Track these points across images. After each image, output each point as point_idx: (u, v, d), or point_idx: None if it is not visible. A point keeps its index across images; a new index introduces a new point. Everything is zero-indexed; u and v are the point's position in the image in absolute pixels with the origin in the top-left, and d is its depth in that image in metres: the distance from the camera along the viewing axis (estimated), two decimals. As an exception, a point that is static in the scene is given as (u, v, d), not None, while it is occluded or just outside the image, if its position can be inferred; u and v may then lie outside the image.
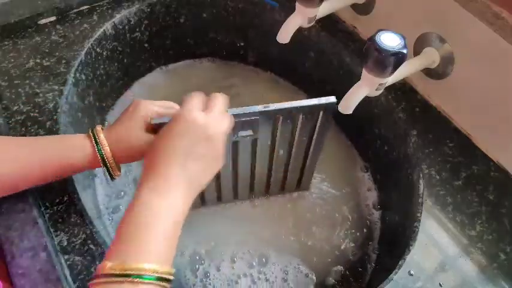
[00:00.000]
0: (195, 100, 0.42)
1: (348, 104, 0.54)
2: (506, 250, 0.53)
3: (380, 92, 0.55)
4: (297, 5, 0.58)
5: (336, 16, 0.76)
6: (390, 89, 0.64)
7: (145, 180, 0.38)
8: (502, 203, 0.56)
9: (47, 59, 0.62)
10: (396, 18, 0.66)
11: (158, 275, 0.31)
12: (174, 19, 0.77)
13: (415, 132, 0.62)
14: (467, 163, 0.60)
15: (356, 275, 0.64)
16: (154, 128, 0.46)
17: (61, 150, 0.44)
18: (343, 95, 0.54)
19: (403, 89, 0.67)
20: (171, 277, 0.33)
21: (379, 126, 0.70)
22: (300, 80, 0.84)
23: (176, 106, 0.48)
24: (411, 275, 0.49)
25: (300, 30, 0.61)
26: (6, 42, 0.63)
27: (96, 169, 0.68)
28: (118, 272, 0.31)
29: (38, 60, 0.61)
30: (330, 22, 0.74)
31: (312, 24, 0.61)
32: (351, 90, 0.54)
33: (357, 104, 0.54)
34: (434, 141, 0.61)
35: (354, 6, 0.71)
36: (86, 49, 0.64)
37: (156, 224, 0.34)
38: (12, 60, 0.61)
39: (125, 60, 0.74)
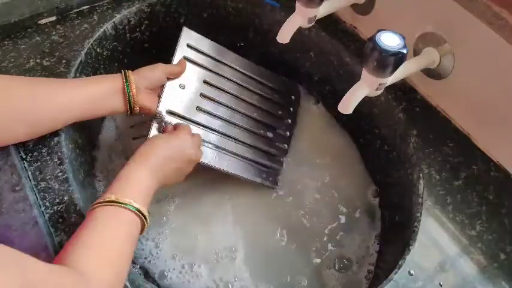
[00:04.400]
0: (188, 133, 0.58)
1: (348, 104, 0.54)
2: (506, 250, 0.53)
3: (380, 92, 0.55)
4: (297, 5, 0.58)
5: (336, 16, 0.76)
6: (390, 89, 0.64)
7: (135, 161, 0.51)
8: (502, 203, 0.56)
9: (47, 59, 0.62)
10: (396, 18, 0.66)
11: (135, 207, 0.45)
12: (174, 19, 0.77)
13: (415, 132, 0.62)
14: (467, 163, 0.60)
15: (356, 274, 0.64)
16: None
17: (94, 86, 0.55)
18: (343, 95, 0.54)
19: (403, 89, 0.67)
20: (144, 214, 0.46)
21: (379, 126, 0.70)
22: (300, 80, 0.84)
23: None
24: (411, 275, 0.49)
25: (300, 30, 0.61)
26: (6, 42, 0.63)
27: (96, 167, 0.68)
28: (110, 199, 0.44)
29: (38, 60, 0.61)
30: (330, 22, 0.75)
31: (312, 24, 0.61)
32: (350, 90, 0.54)
33: (356, 104, 0.54)
34: (434, 141, 0.61)
35: (354, 6, 0.71)
36: (86, 49, 0.64)
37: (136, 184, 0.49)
38: (12, 60, 0.61)
39: (125, 60, 0.74)
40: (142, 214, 0.46)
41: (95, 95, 0.55)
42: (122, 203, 0.44)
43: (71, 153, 0.56)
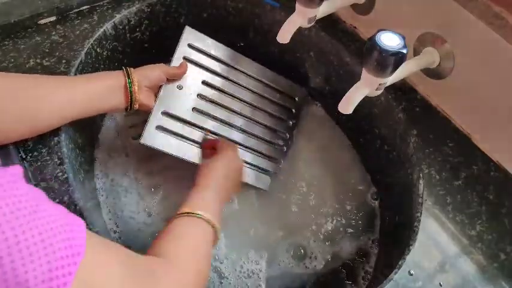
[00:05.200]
0: (231, 148, 0.64)
1: (348, 104, 0.54)
2: (506, 250, 0.53)
3: (380, 92, 0.55)
4: (297, 5, 0.58)
5: (336, 16, 0.76)
6: (390, 89, 0.64)
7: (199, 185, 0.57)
8: (502, 203, 0.56)
9: (47, 59, 0.62)
10: (396, 18, 0.66)
11: (207, 219, 0.51)
12: (174, 19, 0.77)
13: (415, 132, 0.62)
14: (467, 163, 0.60)
15: (356, 274, 0.64)
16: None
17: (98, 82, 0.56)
18: (343, 95, 0.54)
19: (403, 89, 0.67)
20: (215, 225, 0.52)
21: (379, 126, 0.70)
22: (300, 80, 0.84)
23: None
24: (411, 275, 0.49)
25: (300, 30, 0.61)
26: (6, 42, 0.63)
27: (96, 167, 0.68)
28: (185, 212, 0.51)
29: (38, 60, 0.61)
30: (330, 22, 0.74)
31: (312, 24, 0.61)
32: (350, 90, 0.54)
33: (356, 104, 0.54)
34: (434, 141, 0.61)
35: (354, 6, 0.71)
36: (86, 49, 0.64)
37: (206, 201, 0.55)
38: (12, 60, 0.61)
39: (125, 60, 0.74)
40: (211, 221, 0.52)
41: (97, 92, 0.55)
42: (195, 213, 0.51)
43: (71, 153, 0.56)
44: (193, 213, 0.51)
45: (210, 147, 0.65)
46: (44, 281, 0.26)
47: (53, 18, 0.67)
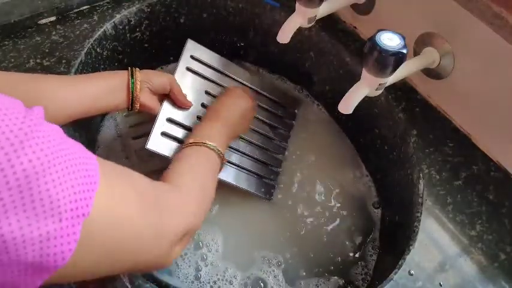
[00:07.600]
0: (241, 88, 0.71)
1: (348, 104, 0.54)
2: (506, 250, 0.53)
3: (380, 92, 0.55)
4: (297, 5, 0.58)
5: (336, 16, 0.77)
6: (390, 89, 0.64)
7: (208, 118, 0.63)
8: (502, 203, 0.57)
9: (47, 59, 0.62)
10: (396, 18, 0.66)
11: (217, 148, 0.56)
12: (174, 19, 0.77)
13: (415, 132, 0.62)
14: (467, 163, 0.60)
15: (356, 274, 0.64)
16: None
17: (102, 81, 0.57)
18: (343, 95, 0.54)
19: (403, 89, 0.67)
20: (222, 154, 0.57)
21: (379, 126, 0.70)
22: (300, 80, 0.84)
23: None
24: (411, 275, 0.49)
25: (300, 30, 0.61)
26: (6, 42, 0.63)
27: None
28: (190, 142, 0.57)
29: (38, 60, 0.61)
30: (330, 22, 0.75)
31: (312, 24, 0.61)
32: (350, 90, 0.54)
33: (356, 104, 0.54)
34: (434, 141, 0.61)
35: (354, 6, 0.71)
36: (86, 49, 0.64)
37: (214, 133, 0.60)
38: (12, 60, 0.61)
39: (125, 60, 0.74)
40: (218, 150, 0.56)
41: (101, 90, 0.55)
42: (201, 143, 0.56)
43: (71, 153, 0.56)
44: (199, 143, 0.56)
45: None
46: (71, 201, 0.30)
47: (53, 18, 0.67)
